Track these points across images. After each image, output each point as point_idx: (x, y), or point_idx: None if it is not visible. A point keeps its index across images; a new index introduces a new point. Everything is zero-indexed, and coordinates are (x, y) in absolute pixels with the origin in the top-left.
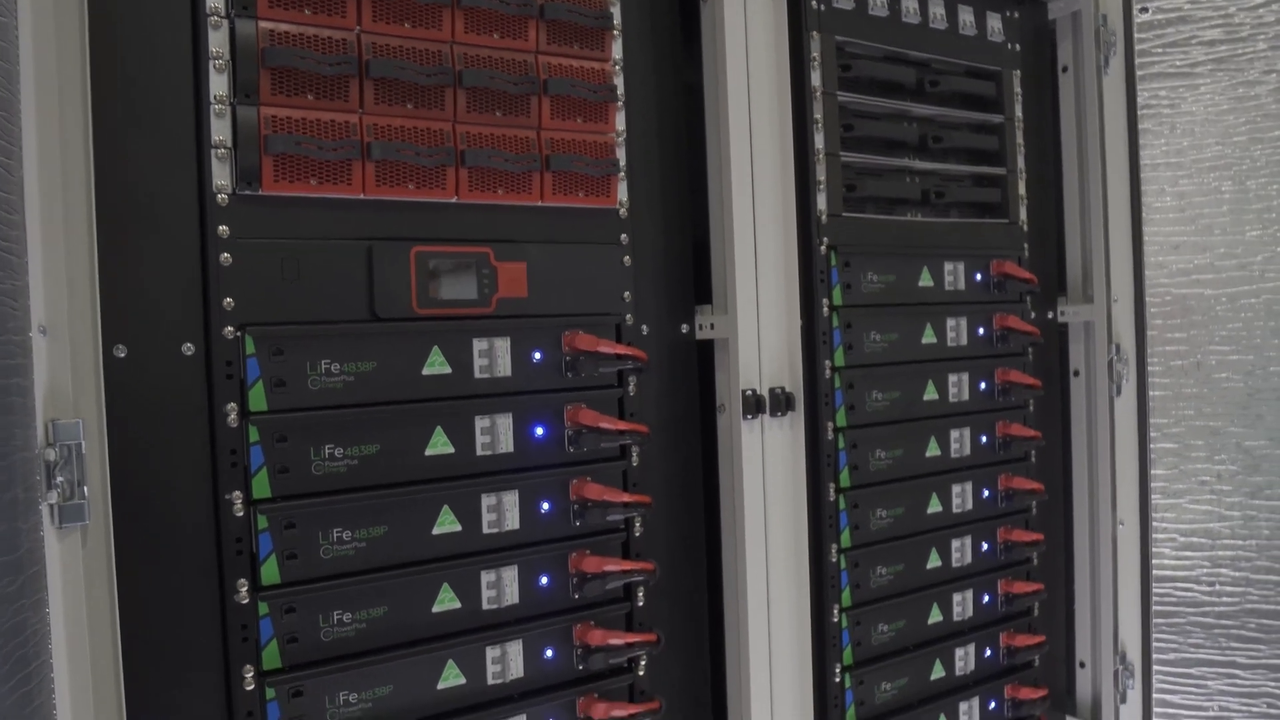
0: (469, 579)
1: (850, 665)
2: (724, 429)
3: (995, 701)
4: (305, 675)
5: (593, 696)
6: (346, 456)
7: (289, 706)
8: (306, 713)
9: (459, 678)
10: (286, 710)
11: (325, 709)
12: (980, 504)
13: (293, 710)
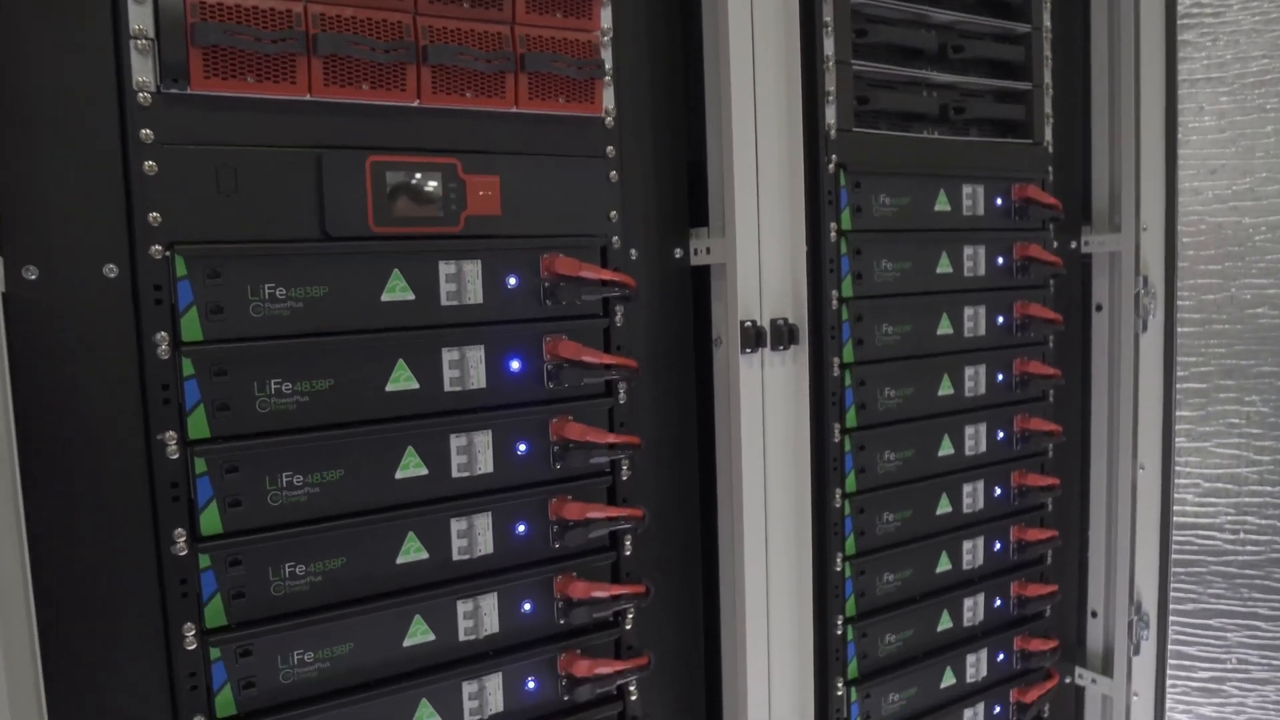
0: (437, 527)
1: (853, 617)
2: (720, 364)
3: (1004, 653)
4: (254, 633)
5: (575, 653)
6: (296, 392)
7: (236, 667)
8: (256, 674)
9: (427, 634)
10: (234, 671)
11: (277, 669)
12: (995, 446)
13: (240, 671)
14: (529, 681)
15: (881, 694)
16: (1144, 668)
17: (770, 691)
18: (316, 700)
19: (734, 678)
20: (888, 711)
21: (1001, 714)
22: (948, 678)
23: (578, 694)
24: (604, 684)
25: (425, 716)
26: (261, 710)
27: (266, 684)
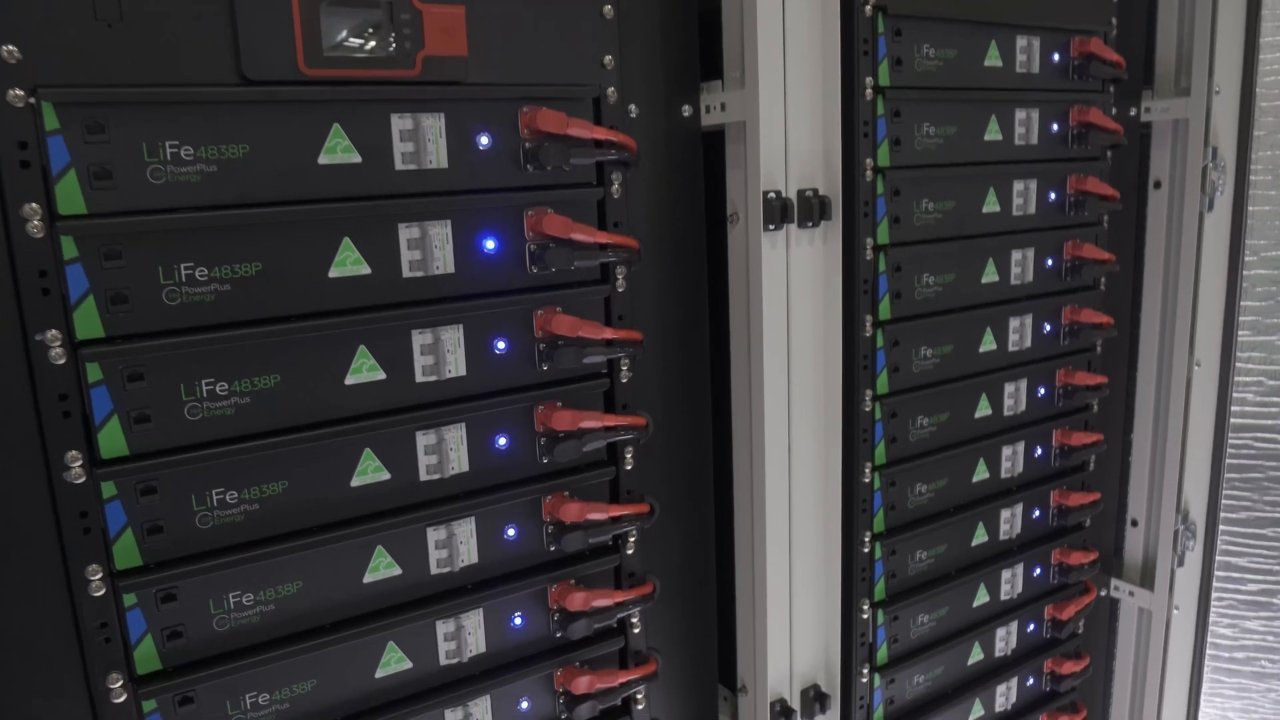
0: (400, 442)
1: (882, 533)
2: (737, 245)
3: (1041, 568)
4: (174, 573)
5: (569, 584)
6: (214, 279)
7: (158, 615)
8: (183, 621)
9: (392, 567)
10: (155, 620)
11: (209, 614)
12: (1041, 341)
13: (164, 619)
14: (515, 617)
15: (910, 615)
16: (1188, 580)
17: (791, 618)
18: (262, 649)
19: (750, 604)
20: (916, 634)
21: (1036, 632)
22: (981, 595)
23: (572, 630)
24: (602, 617)
25: (393, 661)
26: (194, 663)
27: (197, 632)
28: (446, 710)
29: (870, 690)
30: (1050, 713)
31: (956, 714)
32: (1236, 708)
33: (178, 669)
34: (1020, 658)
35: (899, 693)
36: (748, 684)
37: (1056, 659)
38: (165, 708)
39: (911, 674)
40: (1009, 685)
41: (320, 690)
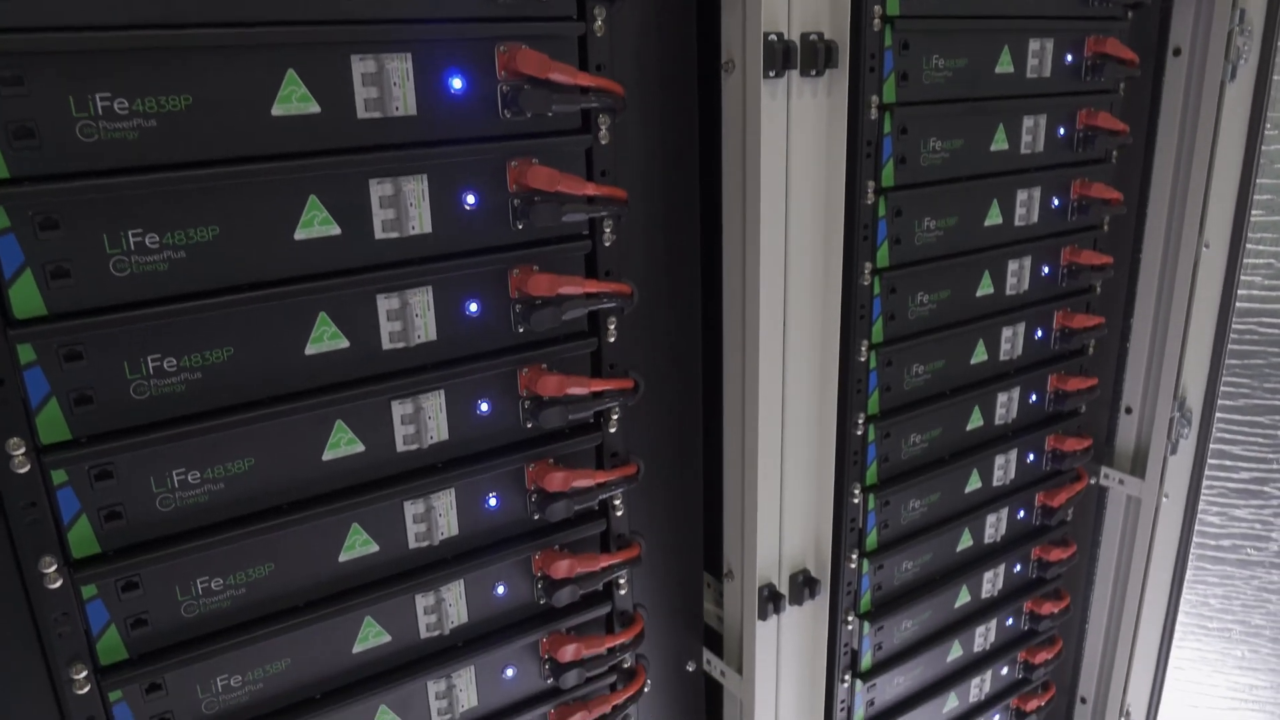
0: (359, 306)
1: (876, 415)
2: (732, 96)
3: (1034, 454)
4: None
5: (547, 463)
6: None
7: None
8: (148, 608)
9: (355, 444)
10: (117, 610)
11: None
12: (1048, 215)
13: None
14: (489, 498)
15: (901, 501)
16: (1179, 468)
17: (781, 501)
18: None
19: (739, 486)
20: (906, 520)
21: (1026, 519)
22: (973, 481)
23: (551, 511)
24: (583, 499)
25: (358, 544)
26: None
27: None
28: (417, 595)
29: (858, 576)
30: (1034, 599)
31: (942, 601)
32: (1218, 594)
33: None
34: (1009, 544)
35: (887, 579)
36: (734, 569)
37: (1044, 546)
38: (107, 593)
39: (900, 560)
40: (996, 572)
41: (279, 574)
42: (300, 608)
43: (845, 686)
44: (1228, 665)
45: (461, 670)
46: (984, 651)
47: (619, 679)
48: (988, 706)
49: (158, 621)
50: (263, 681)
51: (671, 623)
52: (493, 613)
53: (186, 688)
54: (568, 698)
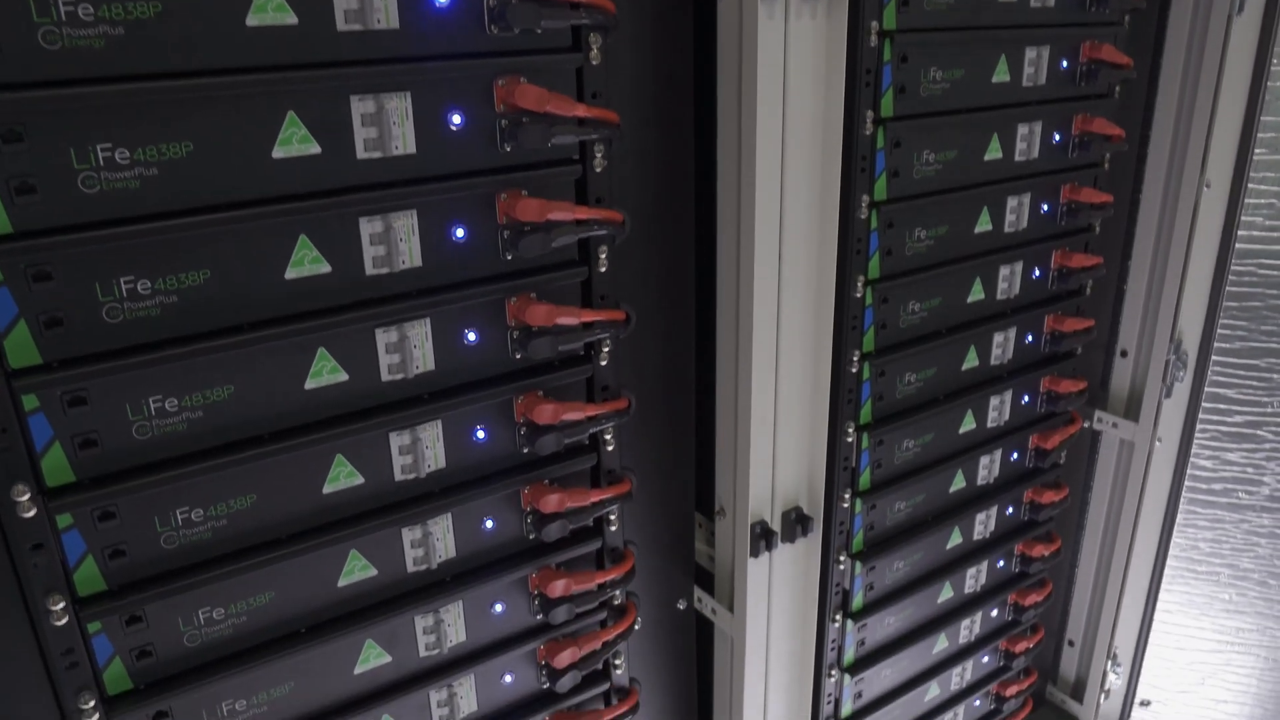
0: (342, 228)
1: (871, 352)
2: (728, 13)
3: (1029, 395)
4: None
5: (536, 395)
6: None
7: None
8: (126, 540)
9: (354, 477)
10: (94, 540)
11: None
12: (1049, 151)
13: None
14: (477, 430)
15: (895, 440)
16: (1174, 411)
17: (775, 437)
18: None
19: (732, 423)
20: (900, 460)
21: (1019, 461)
22: (967, 422)
23: (540, 444)
24: (573, 433)
25: (342, 476)
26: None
27: (114, 440)
28: (403, 529)
29: (851, 516)
30: (1026, 542)
31: (935, 541)
32: (1207, 538)
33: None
34: (1001, 486)
35: (879, 519)
36: (726, 506)
37: (1037, 489)
38: (84, 522)
39: (893, 500)
40: (988, 514)
41: (261, 506)
42: (283, 540)
43: (836, 626)
44: (1215, 609)
45: (449, 605)
46: (974, 593)
47: (609, 616)
48: (977, 648)
49: (136, 553)
50: (246, 615)
51: (662, 560)
52: (481, 547)
53: (167, 620)
54: (557, 633)
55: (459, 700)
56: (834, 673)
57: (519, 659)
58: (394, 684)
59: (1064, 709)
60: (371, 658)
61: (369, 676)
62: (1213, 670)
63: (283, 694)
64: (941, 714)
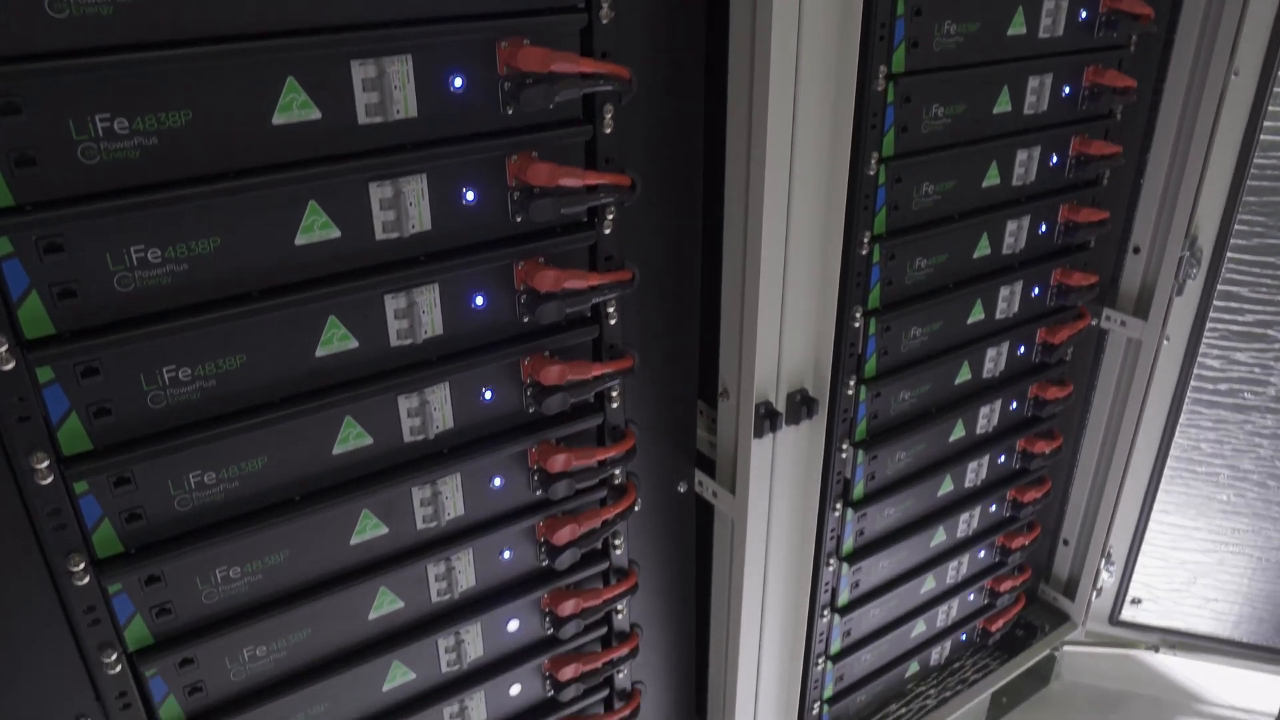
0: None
1: (882, 235)
2: None
3: (1039, 288)
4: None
5: (537, 261)
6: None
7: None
8: (142, 504)
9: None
10: (109, 505)
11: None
12: (1073, 30)
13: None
14: (475, 297)
15: (902, 327)
16: (1184, 309)
17: (783, 318)
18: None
19: (739, 301)
20: (907, 347)
21: (1025, 355)
22: (976, 312)
23: (541, 312)
24: (575, 302)
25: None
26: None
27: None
28: (400, 396)
29: (855, 403)
30: (1028, 438)
31: (938, 433)
32: (1210, 439)
33: None
34: (1007, 381)
35: (883, 408)
36: (730, 388)
37: (1041, 384)
38: (65, 376)
39: (898, 389)
40: (992, 408)
41: (251, 367)
42: (275, 404)
43: (836, 515)
44: (1212, 509)
45: (447, 477)
46: (975, 488)
47: (609, 495)
48: (974, 542)
49: (122, 411)
50: (238, 480)
51: (664, 443)
52: (480, 419)
53: (156, 483)
54: (556, 510)
55: (457, 575)
56: (832, 561)
57: (518, 535)
58: (391, 556)
59: (1055, 606)
60: (368, 529)
61: (365, 548)
62: (1205, 569)
63: (277, 562)
64: (936, 606)
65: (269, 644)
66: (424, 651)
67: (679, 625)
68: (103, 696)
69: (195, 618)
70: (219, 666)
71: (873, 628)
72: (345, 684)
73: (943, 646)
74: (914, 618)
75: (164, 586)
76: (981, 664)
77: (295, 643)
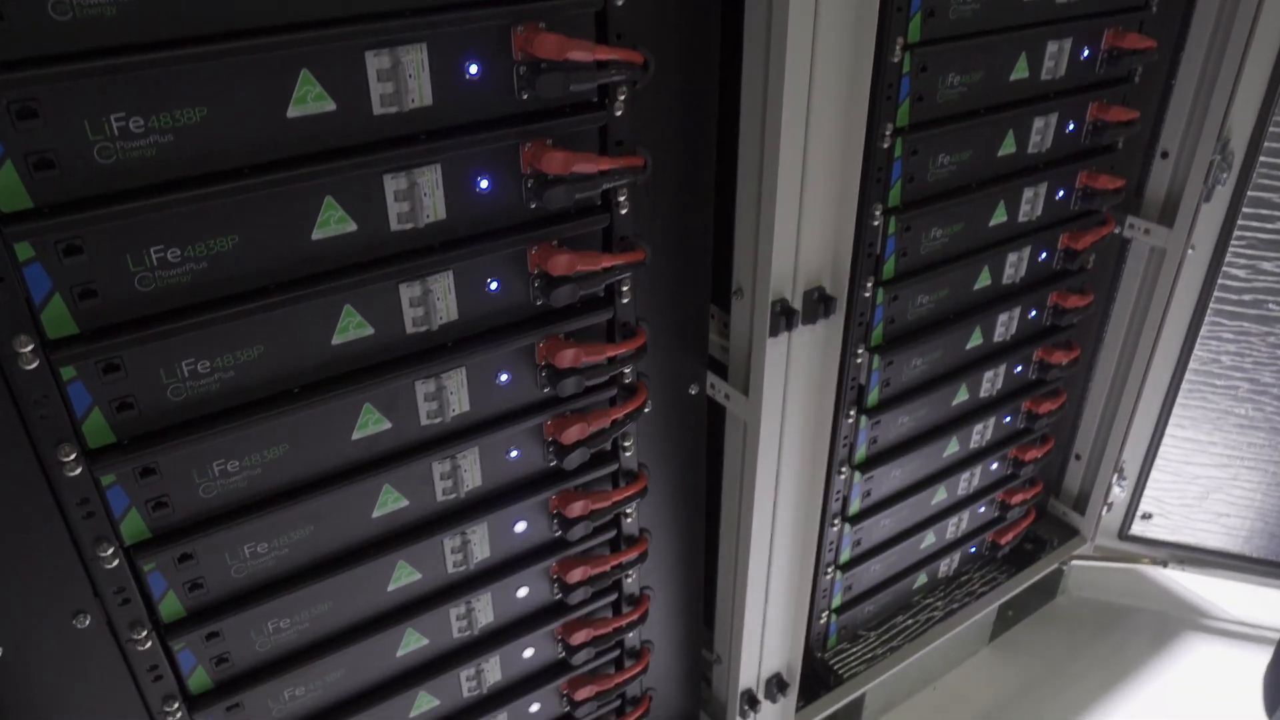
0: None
1: (904, 127)
2: None
3: (1064, 190)
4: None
5: (544, 142)
6: None
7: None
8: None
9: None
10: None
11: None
12: None
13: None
14: (480, 179)
15: (922, 228)
16: (1211, 216)
17: (801, 212)
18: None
19: (755, 193)
20: (927, 248)
21: (1047, 261)
22: (999, 214)
23: (549, 197)
24: (584, 187)
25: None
26: None
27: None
28: (402, 285)
29: (872, 306)
30: (1045, 348)
31: (955, 340)
32: (1230, 350)
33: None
34: (1027, 287)
35: (900, 312)
36: (745, 286)
37: (1062, 293)
38: (45, 254)
39: (916, 292)
40: (1011, 315)
41: (243, 247)
42: (271, 289)
43: (850, 422)
44: (1228, 424)
45: (452, 371)
46: (990, 398)
47: (619, 394)
48: (987, 454)
49: (108, 293)
50: (233, 369)
51: (675, 343)
52: (485, 311)
53: (148, 370)
54: (565, 408)
55: (463, 474)
56: (844, 469)
57: (526, 434)
58: (395, 452)
59: (1064, 520)
60: (370, 424)
61: (368, 443)
62: (1219, 484)
63: (276, 457)
64: (946, 518)
65: (270, 541)
66: (430, 552)
67: (688, 532)
68: (100, 592)
69: (193, 512)
70: (219, 563)
71: (883, 538)
72: (349, 583)
73: (951, 559)
74: (924, 529)
75: (159, 479)
76: (989, 577)
77: (297, 540)
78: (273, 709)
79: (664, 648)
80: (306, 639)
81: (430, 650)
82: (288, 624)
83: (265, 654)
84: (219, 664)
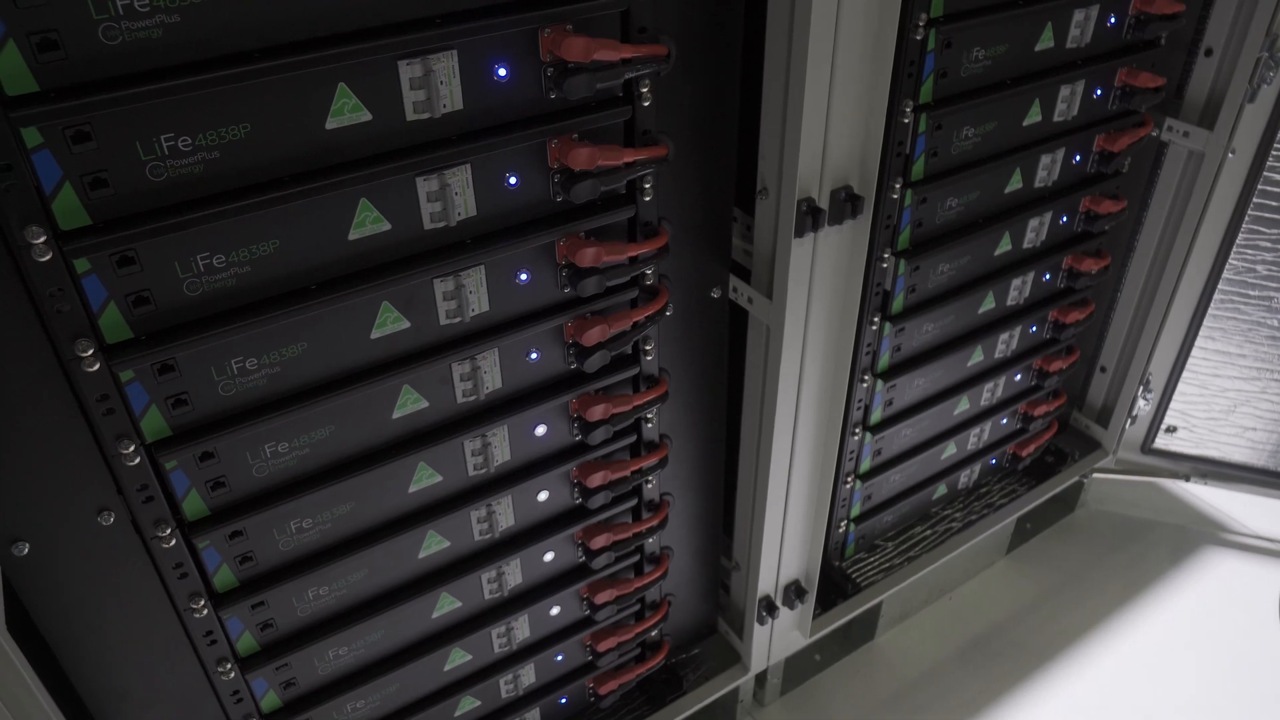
0: None
1: (939, 18)
2: None
3: (1101, 88)
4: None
5: (564, 28)
6: None
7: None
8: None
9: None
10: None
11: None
12: None
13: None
14: (498, 68)
15: (954, 126)
16: (1254, 119)
17: (829, 107)
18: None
19: (783, 83)
20: (958, 149)
21: (1081, 164)
22: (1033, 113)
23: (569, 86)
24: (606, 76)
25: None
26: None
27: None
28: (419, 178)
29: (899, 209)
30: (1075, 255)
31: (984, 244)
32: (1267, 259)
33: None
34: (1060, 191)
35: (928, 215)
36: (770, 185)
37: (1095, 197)
38: (54, 140)
39: (945, 195)
40: (1041, 220)
41: (255, 137)
42: (284, 180)
43: (874, 329)
44: (1260, 335)
45: (471, 269)
46: (1016, 307)
47: (640, 296)
48: (1012, 364)
49: (119, 183)
50: (249, 264)
51: (698, 245)
52: (504, 207)
53: (162, 263)
54: (586, 310)
55: (483, 375)
56: (866, 377)
57: (546, 335)
58: (414, 352)
59: (1087, 433)
60: (389, 322)
61: (387, 343)
62: (1247, 398)
63: (295, 355)
64: (968, 429)
65: (291, 440)
66: (450, 454)
67: (709, 438)
68: (124, 489)
69: (213, 410)
70: (241, 462)
71: (903, 448)
72: (370, 484)
73: (972, 470)
74: (945, 439)
75: (178, 376)
76: (1009, 489)
77: (318, 440)
78: (298, 607)
79: (683, 554)
80: (329, 539)
81: (452, 553)
82: (310, 524)
83: (289, 553)
84: (243, 563)
